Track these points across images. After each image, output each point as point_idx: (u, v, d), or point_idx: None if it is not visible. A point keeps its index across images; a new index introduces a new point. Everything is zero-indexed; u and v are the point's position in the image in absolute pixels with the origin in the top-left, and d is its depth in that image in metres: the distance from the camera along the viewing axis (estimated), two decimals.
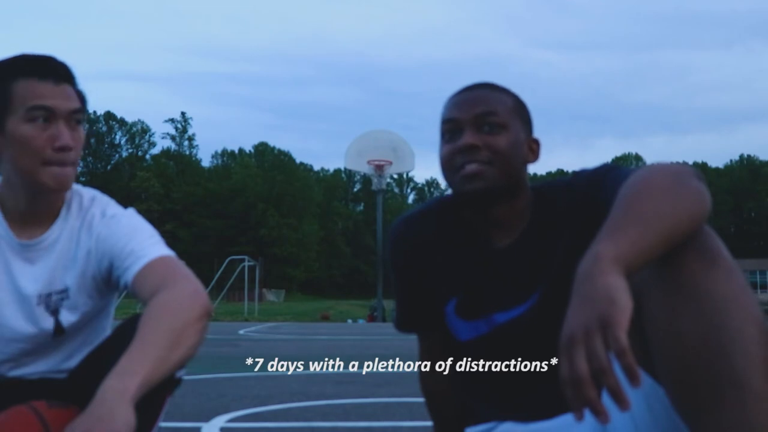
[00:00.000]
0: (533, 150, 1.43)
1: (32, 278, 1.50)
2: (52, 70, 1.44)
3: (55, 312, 1.51)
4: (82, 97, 1.50)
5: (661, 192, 1.07)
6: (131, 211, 1.58)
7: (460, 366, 1.49)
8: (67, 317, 1.52)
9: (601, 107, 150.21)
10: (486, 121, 1.37)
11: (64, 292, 1.52)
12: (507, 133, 1.37)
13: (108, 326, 1.65)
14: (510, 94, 1.43)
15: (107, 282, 1.53)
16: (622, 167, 1.32)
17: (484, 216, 1.41)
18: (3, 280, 1.50)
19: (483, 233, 1.43)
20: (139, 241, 1.47)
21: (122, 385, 1.14)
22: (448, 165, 1.39)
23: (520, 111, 1.42)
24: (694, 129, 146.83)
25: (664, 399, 1.07)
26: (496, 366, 1.42)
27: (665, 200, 1.05)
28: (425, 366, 1.58)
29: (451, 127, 1.40)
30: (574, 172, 1.42)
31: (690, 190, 1.08)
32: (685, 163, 1.16)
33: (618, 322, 0.90)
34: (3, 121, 1.41)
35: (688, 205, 1.06)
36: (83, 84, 1.54)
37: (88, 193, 1.60)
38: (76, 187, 1.58)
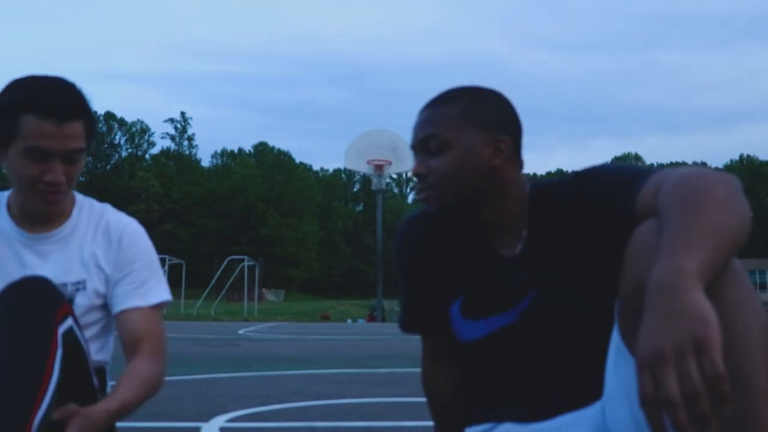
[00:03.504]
0: (500, 149, 1.38)
1: (46, 270, 1.57)
2: (56, 110, 1.48)
3: (70, 302, 1.55)
4: (90, 121, 1.55)
5: (728, 204, 1.05)
6: (143, 229, 1.73)
7: (463, 367, 1.49)
8: (82, 307, 1.61)
9: (597, 107, 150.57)
10: (429, 145, 1.39)
11: (81, 283, 1.62)
12: (450, 150, 1.37)
13: (113, 317, 1.74)
14: (458, 103, 1.39)
15: (107, 283, 1.66)
16: (632, 170, 1.29)
17: (474, 220, 1.42)
18: (18, 272, 1.56)
19: (488, 234, 1.43)
20: (146, 275, 1.66)
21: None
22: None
23: (471, 117, 1.38)
24: (691, 129, 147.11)
25: None
26: (498, 367, 1.42)
27: (732, 213, 1.04)
28: (428, 367, 1.58)
29: (414, 154, 1.45)
30: (576, 172, 1.40)
31: (745, 205, 1.08)
32: (729, 173, 1.14)
33: (714, 345, 0.87)
34: (8, 143, 1.51)
35: (747, 221, 1.06)
36: (83, 85, 1.58)
37: (96, 202, 1.74)
38: (83, 196, 1.74)
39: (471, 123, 1.38)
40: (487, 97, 1.42)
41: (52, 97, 1.49)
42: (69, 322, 1.40)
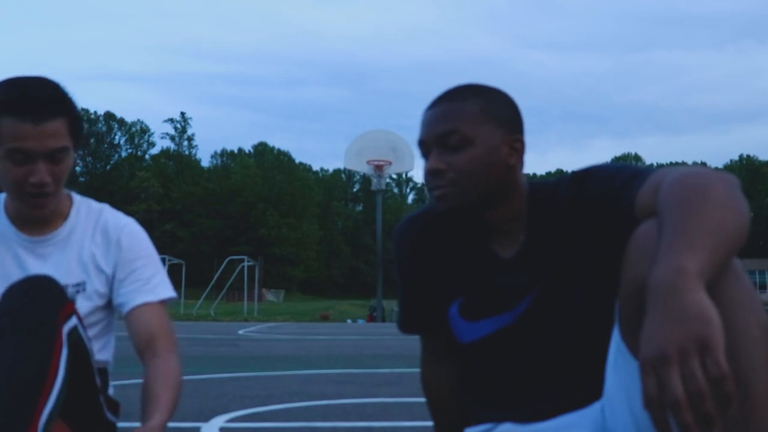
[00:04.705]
0: (516, 149, 1.38)
1: (46, 272, 1.55)
2: (32, 110, 1.46)
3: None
4: (74, 120, 1.53)
5: (727, 204, 1.04)
6: (142, 229, 1.73)
7: (462, 367, 1.49)
8: (84, 309, 1.60)
9: (595, 107, 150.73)
10: (448, 141, 1.35)
11: (81, 285, 1.62)
12: (472, 147, 1.34)
13: (113, 317, 1.75)
14: (477, 99, 1.36)
15: (110, 283, 1.66)
16: (631, 169, 1.28)
17: (478, 222, 1.41)
18: (18, 275, 1.56)
19: (487, 235, 1.43)
20: (152, 271, 1.67)
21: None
22: (426, 185, 1.41)
23: (490, 114, 1.36)
24: (690, 129, 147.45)
25: None
26: (497, 368, 1.42)
27: (731, 212, 1.04)
28: (428, 367, 1.57)
29: (422, 150, 1.40)
30: (574, 172, 1.40)
31: (745, 204, 1.07)
32: (727, 172, 1.14)
33: (717, 344, 0.87)
34: None
35: (746, 220, 1.05)
36: (83, 84, 1.59)
37: (94, 202, 1.74)
38: (81, 197, 1.73)
39: (490, 120, 1.36)
40: (501, 96, 1.41)
41: (28, 98, 1.47)
42: (73, 320, 1.40)
